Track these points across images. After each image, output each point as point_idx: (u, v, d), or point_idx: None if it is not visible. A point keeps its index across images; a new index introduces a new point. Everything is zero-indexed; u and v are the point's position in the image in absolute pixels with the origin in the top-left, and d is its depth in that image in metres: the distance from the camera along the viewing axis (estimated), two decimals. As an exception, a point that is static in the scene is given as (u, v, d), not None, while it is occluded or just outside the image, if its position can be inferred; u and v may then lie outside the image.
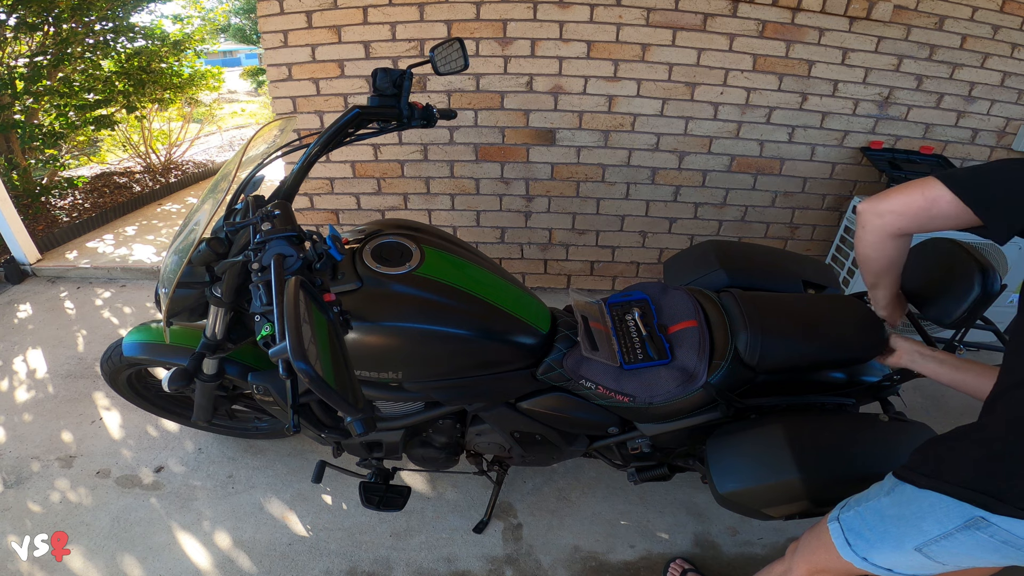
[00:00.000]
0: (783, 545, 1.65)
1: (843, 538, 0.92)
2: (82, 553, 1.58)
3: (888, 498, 0.87)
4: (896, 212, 0.86)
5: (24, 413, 2.10)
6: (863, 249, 0.96)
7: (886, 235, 0.90)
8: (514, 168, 2.72)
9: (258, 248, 0.95)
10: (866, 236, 0.93)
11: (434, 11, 2.39)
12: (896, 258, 0.96)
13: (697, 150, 2.67)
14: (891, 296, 1.11)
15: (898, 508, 0.84)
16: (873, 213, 0.89)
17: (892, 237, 0.90)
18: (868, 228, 0.91)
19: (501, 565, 1.59)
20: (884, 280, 1.04)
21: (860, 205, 0.91)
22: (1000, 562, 0.79)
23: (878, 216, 0.89)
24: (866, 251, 0.96)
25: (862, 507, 0.91)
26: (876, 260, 0.97)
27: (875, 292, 1.11)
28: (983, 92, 2.58)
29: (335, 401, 0.69)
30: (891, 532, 0.85)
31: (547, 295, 2.98)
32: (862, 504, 0.91)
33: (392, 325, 1.14)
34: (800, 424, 1.18)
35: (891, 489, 0.87)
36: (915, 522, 0.81)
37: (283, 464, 1.89)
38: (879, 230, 0.90)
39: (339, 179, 2.79)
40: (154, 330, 1.59)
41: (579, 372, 1.25)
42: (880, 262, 0.97)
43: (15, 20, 3.67)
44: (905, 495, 0.84)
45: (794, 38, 2.42)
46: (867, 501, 0.91)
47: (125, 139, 4.94)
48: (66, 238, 3.60)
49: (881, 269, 1.00)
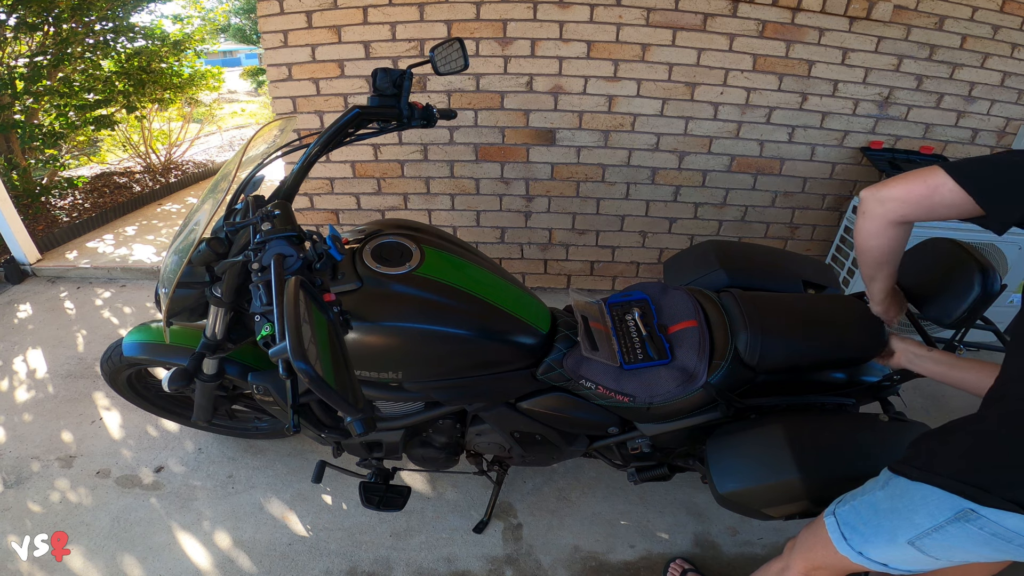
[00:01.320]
0: (783, 545, 1.64)
1: (839, 532, 0.92)
2: (82, 553, 1.58)
3: (883, 492, 0.87)
4: (898, 199, 0.86)
5: (24, 413, 2.10)
6: (863, 238, 0.96)
7: (887, 222, 0.89)
8: (514, 168, 2.72)
9: (258, 248, 0.95)
10: (866, 224, 0.93)
11: (434, 11, 2.39)
12: (895, 248, 0.96)
13: (697, 150, 2.67)
14: (887, 290, 1.10)
15: (891, 501, 0.85)
16: (875, 200, 0.89)
17: (893, 225, 0.90)
18: (869, 215, 0.91)
19: (501, 565, 1.59)
20: (881, 272, 1.04)
21: (863, 192, 0.91)
22: (993, 556, 0.79)
23: (880, 203, 0.88)
24: (866, 240, 0.95)
25: (857, 501, 0.92)
26: (876, 248, 0.96)
27: (872, 285, 1.10)
28: (983, 92, 2.58)
29: (335, 401, 0.69)
30: (884, 526, 0.85)
31: (547, 295, 2.98)
32: (857, 498, 0.92)
33: (392, 325, 1.14)
34: (800, 424, 1.18)
35: (885, 483, 0.87)
36: (908, 515, 0.82)
37: (283, 464, 1.89)
38: (880, 217, 0.90)
39: (339, 179, 2.79)
40: (154, 330, 1.59)
41: (579, 372, 1.25)
42: (879, 251, 0.97)
43: (15, 20, 3.67)
44: (899, 488, 0.84)
45: (794, 38, 2.42)
46: (862, 495, 0.91)
47: (125, 139, 4.94)
48: (66, 238, 3.60)
49: (880, 259, 0.99)
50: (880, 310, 1.17)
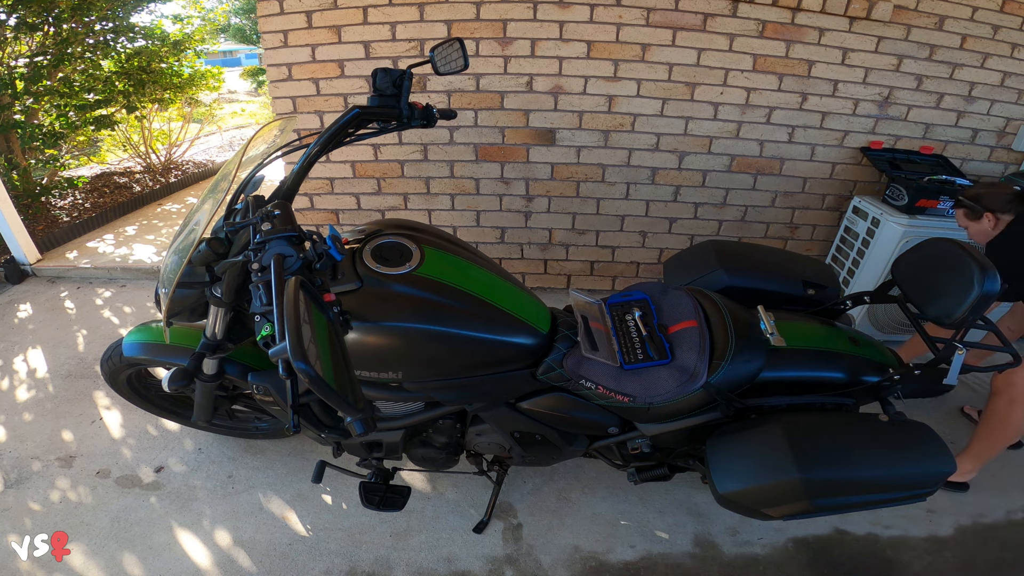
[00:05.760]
0: (783, 545, 1.65)
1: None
2: (82, 553, 1.58)
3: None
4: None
5: (24, 413, 2.10)
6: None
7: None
8: (514, 168, 2.72)
9: (258, 248, 0.95)
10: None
11: (434, 11, 2.39)
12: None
13: (697, 150, 2.67)
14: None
15: None
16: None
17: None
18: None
19: (501, 565, 1.59)
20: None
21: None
22: None
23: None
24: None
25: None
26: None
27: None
28: (983, 92, 2.58)
29: (335, 401, 0.69)
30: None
31: (547, 295, 2.98)
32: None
33: (392, 325, 1.14)
34: (800, 424, 1.18)
35: None
36: None
37: (283, 464, 1.89)
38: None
39: (339, 179, 2.79)
40: (154, 330, 1.59)
41: (579, 372, 1.25)
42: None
43: (15, 20, 3.67)
44: None
45: (794, 38, 2.42)
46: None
47: (125, 139, 4.94)
48: (66, 238, 3.60)
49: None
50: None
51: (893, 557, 1.64)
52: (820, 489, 1.09)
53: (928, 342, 1.26)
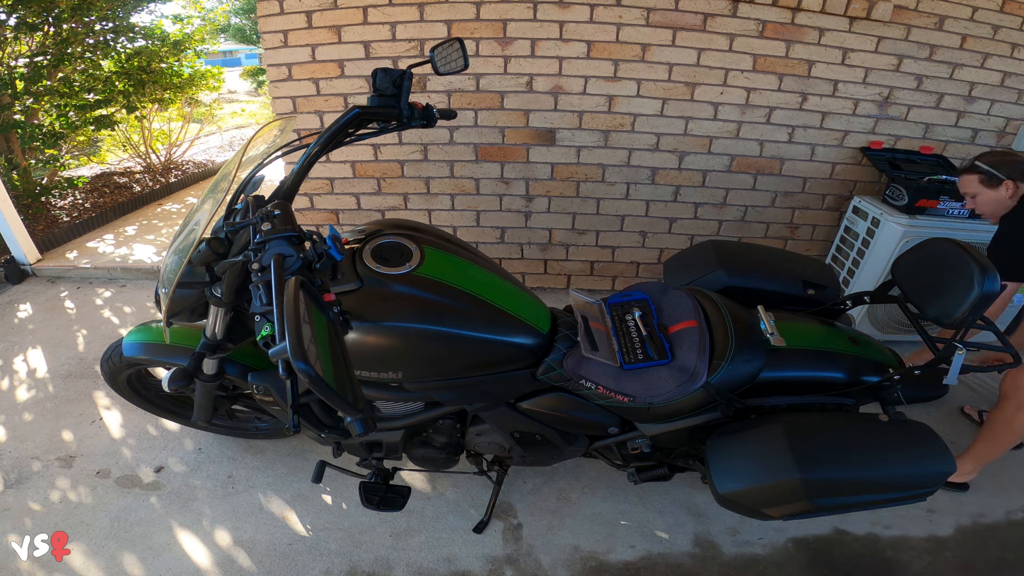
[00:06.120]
0: (783, 545, 1.65)
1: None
2: (82, 553, 1.58)
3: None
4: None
5: (24, 413, 2.10)
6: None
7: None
8: (514, 168, 2.72)
9: (258, 248, 0.95)
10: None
11: (434, 11, 2.39)
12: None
13: (697, 150, 2.67)
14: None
15: None
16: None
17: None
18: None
19: (501, 565, 1.59)
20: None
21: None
22: None
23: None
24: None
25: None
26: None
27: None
28: (983, 92, 2.58)
29: (335, 401, 0.69)
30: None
31: (547, 295, 2.98)
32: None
33: (392, 325, 1.14)
34: (800, 424, 1.18)
35: None
36: None
37: (283, 464, 1.89)
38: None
39: (339, 179, 2.79)
40: (154, 330, 1.59)
41: (579, 372, 1.25)
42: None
43: (15, 20, 3.67)
44: None
45: (794, 38, 2.42)
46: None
47: (125, 139, 4.94)
48: (66, 238, 3.60)
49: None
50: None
51: (893, 557, 1.64)
52: (820, 489, 1.09)
53: (928, 342, 1.26)
